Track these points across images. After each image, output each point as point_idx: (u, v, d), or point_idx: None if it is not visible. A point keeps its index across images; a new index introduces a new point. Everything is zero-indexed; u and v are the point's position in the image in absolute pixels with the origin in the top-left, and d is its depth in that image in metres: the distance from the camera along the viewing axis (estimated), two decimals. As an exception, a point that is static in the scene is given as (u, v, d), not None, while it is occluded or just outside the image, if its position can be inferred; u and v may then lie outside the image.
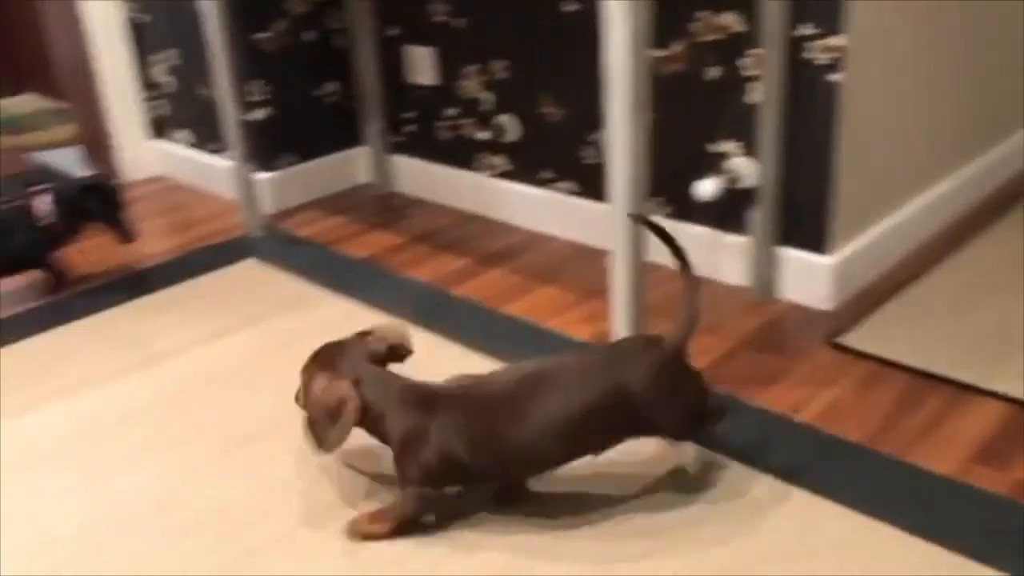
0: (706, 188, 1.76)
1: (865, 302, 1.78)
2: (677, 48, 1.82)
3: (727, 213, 1.85)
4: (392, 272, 2.06)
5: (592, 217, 2.08)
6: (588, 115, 2.04)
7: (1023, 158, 2.38)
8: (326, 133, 2.54)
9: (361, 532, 1.25)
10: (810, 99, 1.67)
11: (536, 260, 2.07)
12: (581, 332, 1.75)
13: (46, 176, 2.77)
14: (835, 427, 1.42)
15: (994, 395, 1.46)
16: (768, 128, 1.69)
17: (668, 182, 1.93)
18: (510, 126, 2.21)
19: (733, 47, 1.74)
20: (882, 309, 1.74)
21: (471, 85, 2.26)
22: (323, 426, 1.22)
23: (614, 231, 1.49)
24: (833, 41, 1.61)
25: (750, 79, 1.74)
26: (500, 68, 2.17)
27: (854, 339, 1.64)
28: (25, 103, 3.64)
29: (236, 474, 1.40)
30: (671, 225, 1.92)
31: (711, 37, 1.77)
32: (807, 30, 1.63)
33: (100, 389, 1.66)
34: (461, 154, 2.35)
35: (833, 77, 1.63)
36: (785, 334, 1.70)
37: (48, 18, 2.73)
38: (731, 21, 1.73)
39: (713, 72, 1.79)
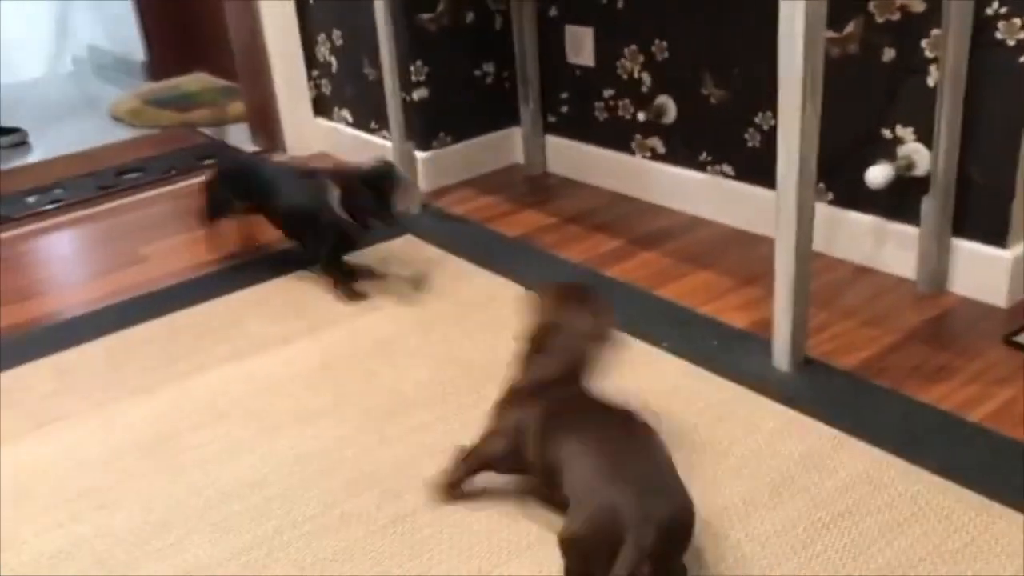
0: (877, 174, 1.70)
1: (1046, 300, 1.68)
2: (851, 28, 1.76)
3: (899, 201, 1.77)
4: (544, 251, 2.07)
5: (750, 202, 2.04)
6: (748, 97, 1.99)
7: None
8: (482, 113, 2.58)
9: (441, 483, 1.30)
10: (996, 83, 1.58)
11: (690, 244, 2.05)
12: (737, 319, 1.72)
13: (215, 150, 2.92)
14: (1010, 429, 1.35)
15: None
16: (947, 113, 1.61)
17: (835, 168, 1.86)
18: (668, 107, 2.18)
19: (912, 27, 1.66)
20: None
21: (629, 65, 2.24)
22: None
23: (779, 217, 1.45)
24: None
25: (930, 61, 1.66)
26: (659, 48, 2.15)
27: (1034, 338, 1.55)
28: (195, 81, 3.85)
29: (394, 440, 1.45)
30: (834, 212, 1.86)
31: (889, 17, 1.69)
32: (996, 9, 1.54)
33: (268, 354, 1.74)
34: (616, 135, 2.34)
35: None
36: (956, 329, 1.62)
37: (223, -1, 2.87)
38: (910, 0, 1.65)
39: (889, 53, 1.72)
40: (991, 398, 1.43)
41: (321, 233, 1.91)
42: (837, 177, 1.86)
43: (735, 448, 1.36)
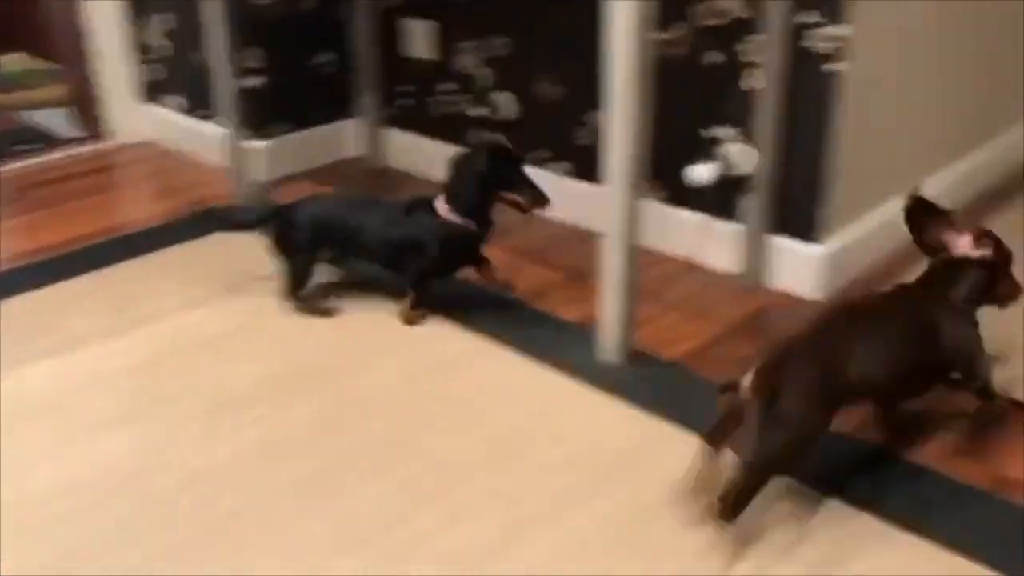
0: (700, 173, 1.76)
1: (855, 292, 1.78)
2: (678, 31, 1.81)
3: (721, 199, 1.84)
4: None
5: (585, 199, 2.08)
6: (585, 95, 2.03)
7: (1020, 154, 2.39)
8: (320, 104, 2.52)
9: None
10: (809, 88, 1.66)
11: (526, 240, 2.07)
12: (568, 313, 1.74)
13: (34, 136, 2.72)
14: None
15: (978, 390, 1.47)
16: (765, 116, 1.69)
17: (664, 166, 1.92)
18: (506, 103, 2.20)
19: (734, 33, 1.73)
20: (870, 301, 1.74)
21: (469, 61, 2.24)
22: None
23: (608, 214, 1.48)
24: (835, 30, 1.60)
25: (750, 65, 1.73)
26: (499, 45, 2.16)
27: (842, 330, 1.64)
28: (16, 61, 3.60)
29: (219, 439, 1.40)
30: (666, 209, 1.92)
31: (713, 22, 1.76)
32: (810, 18, 1.62)
33: (87, 350, 1.65)
34: (455, 130, 2.33)
35: (833, 67, 1.62)
36: (773, 322, 1.70)
37: (41, -25, 2.69)
38: (733, 6, 1.72)
39: (713, 57, 1.78)
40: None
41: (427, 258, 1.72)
42: (669, 175, 1.92)
43: (562, 439, 1.38)
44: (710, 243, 1.89)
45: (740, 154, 1.77)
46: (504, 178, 1.68)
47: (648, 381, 1.52)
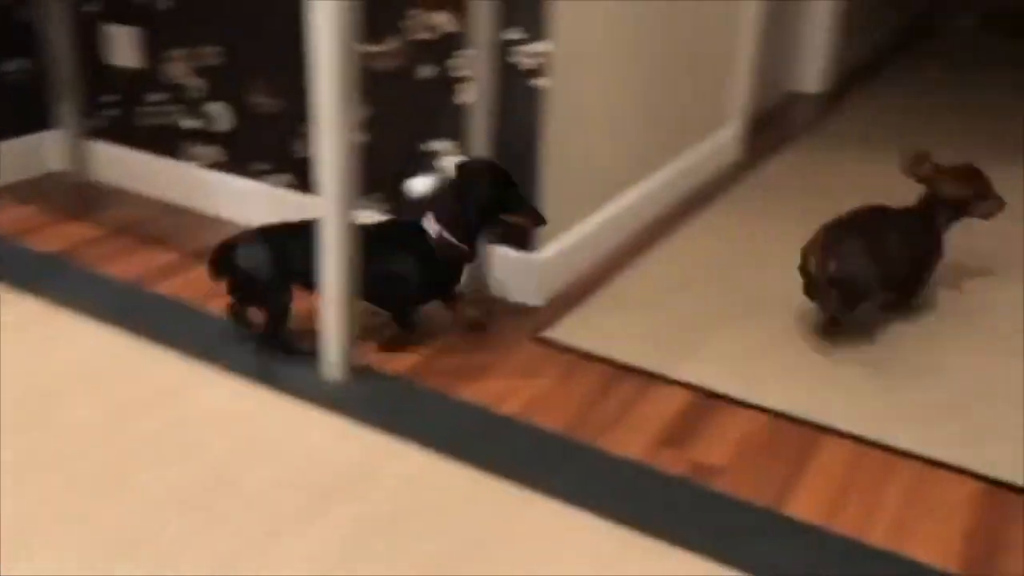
0: (419, 186, 1.77)
1: (570, 297, 1.86)
2: (391, 44, 1.82)
3: (441, 210, 1.86)
4: (87, 267, 1.90)
5: (308, 212, 2.03)
6: (302, 106, 1.99)
7: (717, 159, 2.61)
8: (11, 114, 2.30)
9: None
10: (517, 102, 1.72)
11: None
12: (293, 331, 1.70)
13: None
14: (538, 418, 1.47)
15: (678, 383, 1.58)
16: (478, 129, 1.73)
17: (386, 179, 1.92)
18: (221, 114, 2.11)
19: (445, 47, 1.76)
20: (585, 304, 1.83)
21: (179, 70, 2.13)
22: None
23: (324, 228, 1.46)
24: (537, 47, 1.67)
25: (461, 80, 1.77)
26: (211, 54, 2.07)
27: (557, 333, 1.71)
28: None
29: None
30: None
31: (424, 36, 1.78)
32: (515, 35, 1.68)
33: None
34: (167, 142, 2.21)
35: (537, 82, 1.69)
36: (495, 330, 1.74)
37: None
38: (443, 21, 1.74)
39: (426, 71, 1.80)
40: (523, 391, 1.55)
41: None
42: (393, 188, 1.92)
43: (287, 460, 1.34)
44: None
45: (457, 166, 1.81)
46: (504, 201, 1.62)
47: (372, 397, 1.50)
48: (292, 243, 1.57)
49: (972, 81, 3.92)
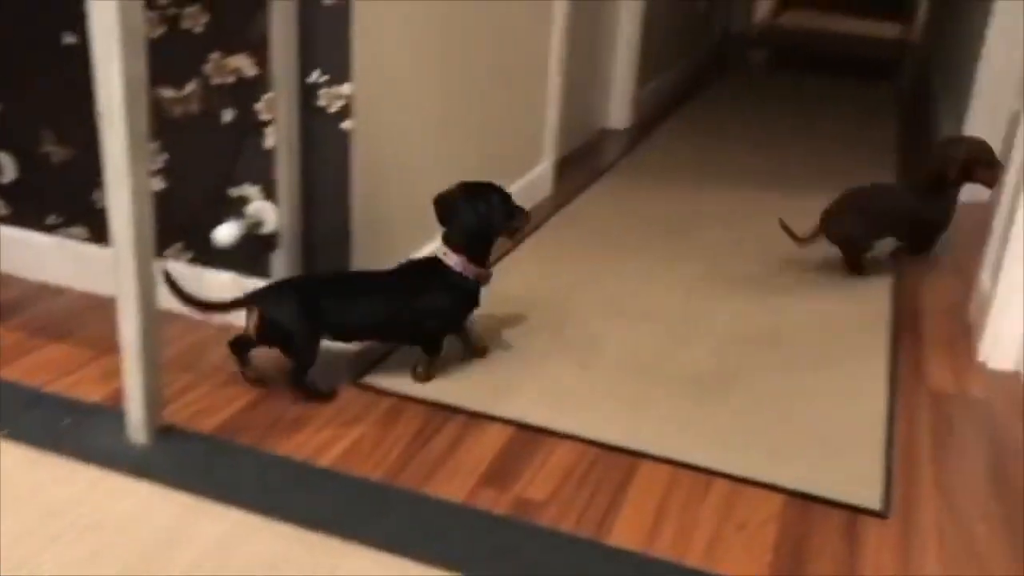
0: (225, 233, 1.71)
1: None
2: (191, 88, 1.76)
3: (251, 257, 1.81)
4: None
5: (106, 265, 1.92)
6: (93, 156, 1.88)
7: (532, 197, 2.66)
8: None
9: None
10: (324, 145, 1.70)
11: (42, 315, 1.86)
12: (93, 393, 1.59)
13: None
14: (357, 467, 1.44)
15: (499, 419, 1.59)
16: (285, 173, 1.69)
17: (189, 227, 1.84)
18: (5, 165, 1.97)
19: (248, 91, 1.72)
20: (403, 348, 1.81)
21: (-46, 118, 1.97)
22: None
23: (119, 280, 1.38)
24: (341, 89, 1.65)
25: (266, 123, 1.73)
26: (-10, 101, 1.93)
27: (375, 378, 1.69)
28: None
29: None
30: (195, 271, 1.84)
31: (225, 80, 1.73)
32: (317, 77, 1.66)
33: None
34: (-54, 196, 2.04)
35: (344, 124, 1.67)
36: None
37: None
38: (243, 64, 1.70)
39: (229, 115, 1.75)
40: (343, 439, 1.51)
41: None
42: (196, 236, 1.85)
43: (91, 535, 1.24)
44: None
45: (265, 211, 1.76)
46: (507, 216, 1.69)
47: (181, 457, 1.43)
48: (324, 294, 1.61)
49: (761, 113, 4.19)
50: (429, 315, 1.66)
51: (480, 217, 1.65)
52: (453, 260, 1.65)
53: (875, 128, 4.05)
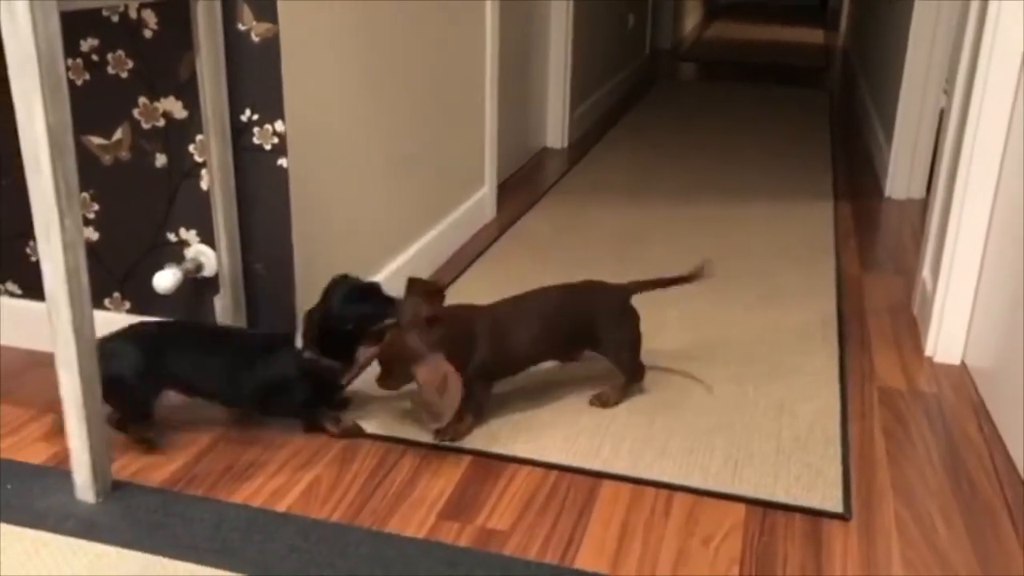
0: (165, 279, 1.68)
1: (340, 377, 1.81)
2: (120, 134, 1.72)
3: (193, 302, 1.77)
4: None
5: (43, 320, 1.86)
6: (26, 207, 1.83)
7: (475, 221, 2.65)
8: None
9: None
10: (260, 184, 1.67)
11: (-23, 376, 1.80)
12: (36, 454, 1.54)
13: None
14: (317, 510, 1.41)
15: (455, 450, 1.57)
16: (221, 215, 1.66)
17: (129, 275, 1.80)
18: (-70, 225, 1.90)
19: (179, 133, 1.69)
20: (355, 383, 1.79)
21: None
22: (435, 402, 1.49)
23: (56, 339, 1.34)
24: (275, 126, 1.63)
25: (200, 165, 1.70)
26: (-90, 159, 1.87)
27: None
28: None
29: None
30: (133, 320, 1.79)
31: (155, 123, 1.69)
32: (250, 115, 1.64)
33: None
34: None
35: (280, 162, 1.65)
36: (262, 422, 1.66)
37: None
38: (173, 107, 1.67)
39: (161, 159, 1.72)
40: (299, 483, 1.48)
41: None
42: (132, 285, 1.81)
43: (32, 606, 1.20)
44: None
45: (205, 255, 1.72)
46: (375, 316, 1.56)
47: (133, 514, 1.38)
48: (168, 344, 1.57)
49: (691, 124, 4.25)
50: (272, 391, 1.57)
51: (330, 326, 1.53)
52: (302, 348, 1.56)
53: (808, 132, 4.13)
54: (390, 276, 2.11)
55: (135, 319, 1.80)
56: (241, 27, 1.59)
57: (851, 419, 1.71)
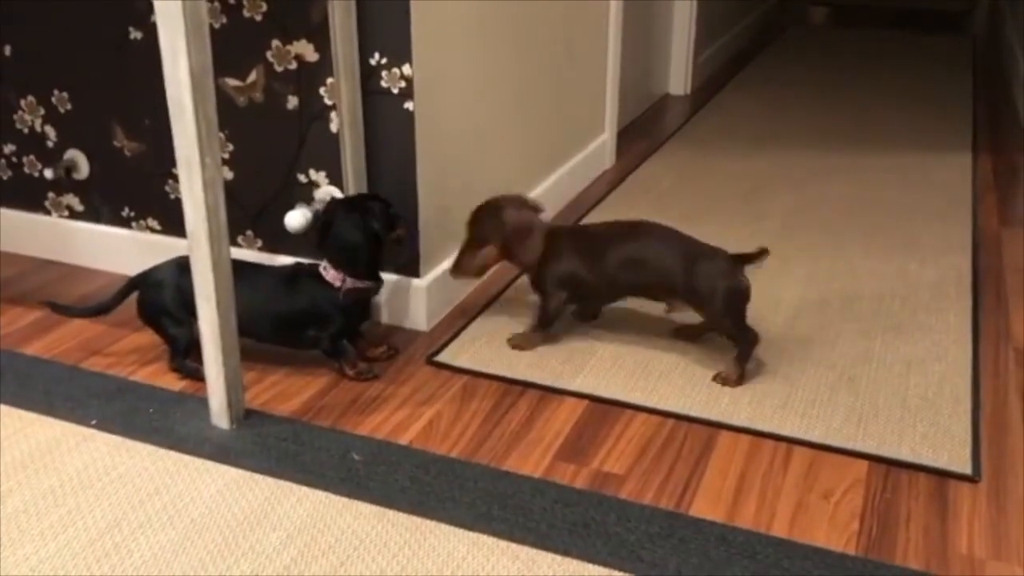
0: (295, 219, 1.73)
1: (459, 319, 1.85)
2: (255, 77, 1.77)
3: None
4: (-55, 335, 1.79)
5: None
6: (164, 149, 1.92)
7: (594, 168, 2.64)
8: None
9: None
10: (387, 127, 1.70)
11: (121, 307, 1.90)
12: (175, 381, 1.63)
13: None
14: (435, 445, 1.45)
15: (571, 393, 1.58)
16: (350, 157, 1.70)
17: (260, 215, 1.87)
18: (79, 162, 2.01)
19: (310, 76, 1.73)
20: (475, 324, 1.82)
21: (29, 118, 2.03)
22: (515, 246, 1.69)
23: (196, 270, 1.40)
24: (402, 70, 1.65)
25: (329, 108, 1.73)
26: (60, 100, 1.98)
27: (449, 356, 1.70)
28: None
29: None
30: (264, 258, 1.86)
31: (287, 66, 1.74)
32: (378, 59, 1.66)
33: None
34: (27, 195, 2.10)
35: (406, 105, 1.67)
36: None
37: None
38: (304, 50, 1.71)
39: (293, 101, 1.76)
40: (420, 418, 1.52)
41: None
42: (264, 223, 1.87)
43: (178, 519, 1.28)
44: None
45: (333, 196, 1.77)
46: (389, 225, 1.63)
47: (263, 441, 1.45)
48: None
49: (823, 72, 4.08)
50: (308, 324, 1.62)
51: (353, 239, 1.59)
52: (331, 275, 1.60)
53: (949, 82, 3.92)
54: (510, 221, 2.12)
55: (266, 257, 1.87)
56: (371, -30, 1.61)
57: (984, 380, 1.64)
